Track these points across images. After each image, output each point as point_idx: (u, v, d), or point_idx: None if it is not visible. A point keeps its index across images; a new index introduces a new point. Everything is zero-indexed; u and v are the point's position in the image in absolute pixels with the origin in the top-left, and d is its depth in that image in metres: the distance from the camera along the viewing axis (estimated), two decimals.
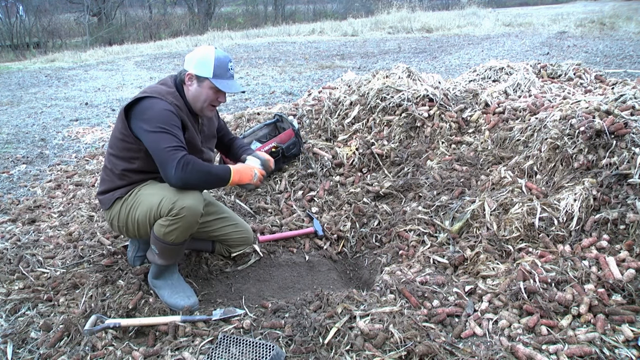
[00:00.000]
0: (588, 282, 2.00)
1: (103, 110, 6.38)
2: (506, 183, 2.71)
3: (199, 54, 2.10)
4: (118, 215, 2.13)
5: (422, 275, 2.26)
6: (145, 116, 1.99)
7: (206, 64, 2.07)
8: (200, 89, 2.10)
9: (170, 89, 2.12)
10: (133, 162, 2.08)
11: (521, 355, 1.71)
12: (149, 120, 1.97)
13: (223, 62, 2.10)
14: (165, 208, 1.97)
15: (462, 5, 21.76)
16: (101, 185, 2.19)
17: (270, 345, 1.77)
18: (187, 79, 2.11)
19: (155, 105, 2.00)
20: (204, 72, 2.08)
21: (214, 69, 2.07)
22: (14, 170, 4.08)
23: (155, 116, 1.97)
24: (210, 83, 2.08)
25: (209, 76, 2.07)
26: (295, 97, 6.40)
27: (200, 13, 22.17)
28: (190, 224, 2.01)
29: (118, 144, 2.09)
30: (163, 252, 2.10)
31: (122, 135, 2.06)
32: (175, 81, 2.17)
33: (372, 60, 9.73)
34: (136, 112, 2.02)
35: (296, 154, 3.38)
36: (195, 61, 2.09)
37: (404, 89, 3.62)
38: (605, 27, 12.20)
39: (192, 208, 1.98)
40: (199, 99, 2.12)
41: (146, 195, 2.05)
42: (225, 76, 2.11)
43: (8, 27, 16.88)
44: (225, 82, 2.10)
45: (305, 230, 2.81)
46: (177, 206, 1.96)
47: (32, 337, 1.93)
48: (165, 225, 2.00)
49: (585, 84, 4.07)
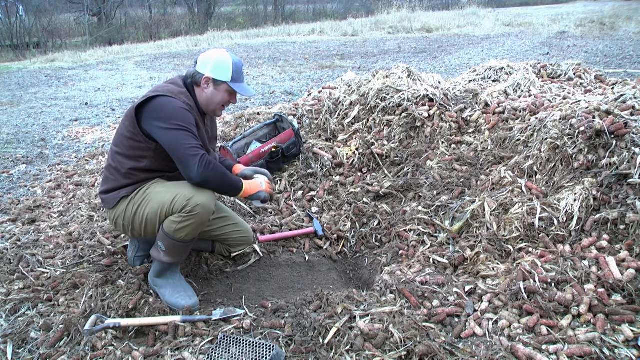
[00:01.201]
0: (588, 282, 2.00)
1: (103, 110, 6.38)
2: (506, 183, 2.71)
3: (215, 58, 2.12)
4: (124, 214, 2.13)
5: (422, 275, 2.26)
6: (160, 114, 2.00)
7: (224, 69, 2.11)
8: (217, 92, 2.14)
9: (181, 89, 2.13)
10: (141, 161, 2.09)
11: (521, 355, 1.72)
12: (165, 119, 1.98)
13: (239, 66, 2.15)
14: (179, 205, 1.98)
15: (462, 5, 21.75)
16: (104, 184, 2.19)
17: (270, 345, 1.77)
18: (204, 82, 2.13)
19: (170, 104, 2.01)
20: (221, 76, 2.11)
21: (232, 74, 2.12)
22: (14, 170, 4.08)
23: (172, 114, 1.99)
24: (228, 87, 2.13)
25: (227, 80, 2.12)
26: (295, 97, 6.40)
27: (200, 13, 22.17)
28: (202, 222, 2.03)
29: (125, 143, 2.09)
30: (170, 249, 2.10)
31: (131, 133, 2.06)
32: (185, 82, 2.18)
33: (372, 60, 9.73)
34: (149, 111, 2.02)
35: (296, 154, 3.38)
36: (211, 65, 2.11)
37: (404, 89, 3.62)
38: (605, 27, 12.20)
39: (205, 206, 2.00)
40: (213, 101, 2.16)
41: (157, 193, 2.05)
42: (240, 80, 2.17)
43: (8, 27, 16.88)
44: (242, 86, 2.17)
45: (305, 230, 2.81)
46: (192, 203, 1.97)
47: (32, 337, 1.93)
48: (177, 222, 2.01)
49: (585, 84, 4.07)
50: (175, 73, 9.26)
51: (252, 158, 3.21)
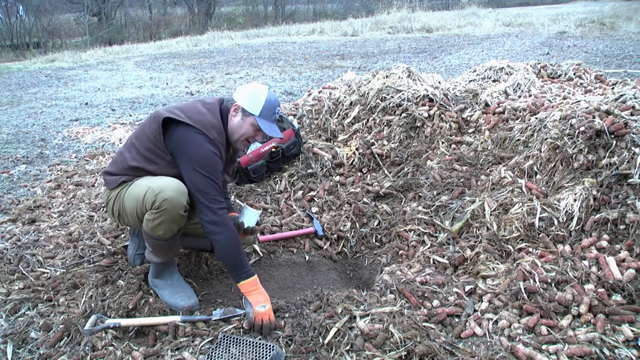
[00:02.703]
0: (588, 282, 2.00)
1: (103, 110, 6.38)
2: (506, 183, 2.71)
3: (252, 90, 2.12)
4: (115, 200, 2.13)
5: (422, 275, 2.26)
6: (189, 153, 1.99)
7: (256, 101, 2.09)
8: (242, 123, 2.11)
9: (215, 122, 2.09)
10: (151, 165, 2.07)
11: (521, 355, 1.72)
12: (192, 160, 1.98)
13: (273, 104, 2.12)
14: (148, 201, 1.97)
15: (462, 5, 21.76)
16: (111, 166, 2.18)
17: (270, 345, 1.77)
18: (233, 110, 2.12)
19: (200, 146, 1.99)
20: (251, 108, 2.09)
21: (262, 109, 2.09)
22: (14, 170, 4.08)
23: (201, 159, 1.98)
24: (254, 120, 2.10)
25: (255, 114, 2.09)
26: (295, 97, 6.40)
27: (200, 13, 22.17)
28: (173, 217, 2.00)
29: (145, 143, 2.08)
30: (155, 249, 2.11)
31: (154, 137, 2.04)
32: (221, 108, 2.16)
33: (372, 60, 9.73)
34: (177, 139, 2.01)
35: (296, 154, 3.38)
36: (246, 95, 2.10)
37: (404, 89, 3.62)
38: (605, 27, 12.20)
39: (173, 200, 1.96)
40: (238, 131, 2.13)
41: (136, 186, 2.05)
42: (270, 119, 2.13)
43: (8, 27, 16.87)
44: (268, 125, 2.12)
45: (305, 230, 2.81)
46: (159, 198, 1.95)
47: (32, 337, 1.93)
48: (151, 220, 2.00)
49: (585, 84, 4.07)
50: (175, 73, 9.27)
51: (252, 158, 3.21)
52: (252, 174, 3.20)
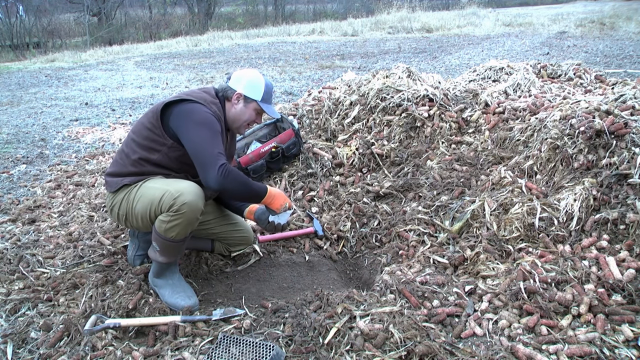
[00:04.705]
0: (588, 282, 2.00)
1: (103, 110, 6.38)
2: (506, 183, 2.71)
3: (249, 77, 2.21)
4: (120, 204, 2.13)
5: (422, 275, 2.26)
6: (190, 117, 2.03)
7: (257, 87, 2.20)
8: (245, 109, 2.22)
9: (214, 99, 2.18)
10: (153, 154, 2.10)
11: (521, 355, 1.72)
12: (194, 122, 2.02)
13: (270, 88, 2.25)
14: (166, 204, 1.98)
15: (462, 5, 21.77)
16: (112, 167, 2.20)
17: (270, 346, 1.77)
18: (235, 98, 2.20)
19: (201, 109, 2.06)
20: (253, 94, 2.19)
21: (263, 94, 2.21)
22: (14, 170, 4.08)
23: (202, 120, 2.03)
24: (257, 105, 2.21)
25: (258, 99, 2.20)
26: (295, 97, 6.40)
27: (200, 13, 22.17)
28: (190, 221, 2.02)
29: (143, 132, 2.11)
30: (164, 249, 2.10)
31: (151, 125, 2.09)
32: (217, 94, 2.23)
33: (372, 60, 9.73)
34: (178, 112, 2.05)
35: (296, 154, 3.38)
36: (245, 82, 2.19)
37: (404, 89, 3.62)
38: (605, 27, 12.20)
39: (192, 204, 1.98)
40: (241, 118, 2.23)
41: (149, 189, 2.05)
42: (269, 101, 2.26)
43: (8, 27, 16.88)
44: (269, 107, 2.25)
45: (305, 230, 2.81)
46: (179, 202, 1.96)
47: (32, 337, 1.93)
48: (166, 222, 2.00)
49: (585, 84, 4.07)
50: (175, 73, 9.27)
51: (252, 158, 3.21)
52: (252, 174, 3.20)
